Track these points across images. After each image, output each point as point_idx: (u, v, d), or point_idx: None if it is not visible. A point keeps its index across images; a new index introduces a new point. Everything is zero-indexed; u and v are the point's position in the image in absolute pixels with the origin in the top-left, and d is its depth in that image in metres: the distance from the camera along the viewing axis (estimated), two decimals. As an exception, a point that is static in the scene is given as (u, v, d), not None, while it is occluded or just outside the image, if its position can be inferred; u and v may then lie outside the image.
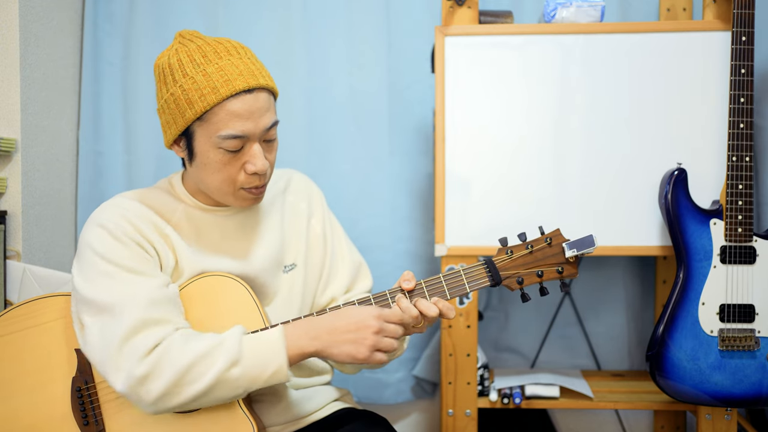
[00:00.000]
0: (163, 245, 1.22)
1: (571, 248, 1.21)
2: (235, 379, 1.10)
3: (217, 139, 1.17)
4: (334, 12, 2.00)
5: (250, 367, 1.10)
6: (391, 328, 1.14)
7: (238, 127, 1.17)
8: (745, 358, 1.54)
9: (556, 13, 1.67)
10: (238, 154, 1.20)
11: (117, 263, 1.16)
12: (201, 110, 1.16)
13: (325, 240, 1.42)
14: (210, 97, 1.16)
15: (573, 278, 1.23)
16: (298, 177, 1.46)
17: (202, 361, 1.09)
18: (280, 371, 1.11)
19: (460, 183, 1.68)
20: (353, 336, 1.12)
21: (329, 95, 2.01)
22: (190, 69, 1.17)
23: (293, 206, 1.41)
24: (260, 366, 1.10)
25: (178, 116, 1.19)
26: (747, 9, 1.54)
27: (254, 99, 1.18)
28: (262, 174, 1.22)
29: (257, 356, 1.10)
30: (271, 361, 1.10)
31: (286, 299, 1.34)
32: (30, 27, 1.75)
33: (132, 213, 1.22)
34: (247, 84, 1.17)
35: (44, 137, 1.82)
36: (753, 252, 1.55)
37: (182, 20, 2.00)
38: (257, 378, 1.11)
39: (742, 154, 1.54)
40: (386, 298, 1.20)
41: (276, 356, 1.11)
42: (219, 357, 1.09)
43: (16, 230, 1.71)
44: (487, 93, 1.68)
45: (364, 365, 1.24)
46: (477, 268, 1.21)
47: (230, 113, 1.16)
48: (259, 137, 1.21)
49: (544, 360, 2.05)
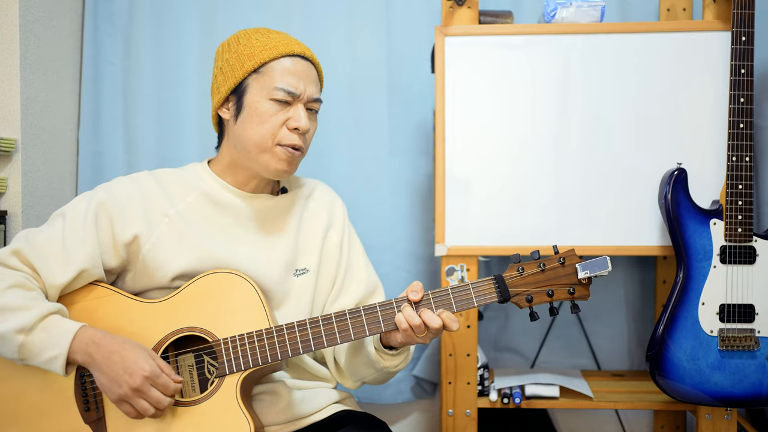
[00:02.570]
0: (158, 221, 1.28)
1: (584, 269, 1.20)
2: (16, 344, 1.13)
3: (272, 90, 1.28)
4: (333, 12, 2.00)
5: (32, 342, 1.13)
6: (154, 395, 1.13)
7: (292, 83, 1.29)
8: (744, 358, 1.54)
9: (556, 13, 1.67)
10: (285, 109, 1.29)
11: (64, 216, 1.25)
12: (261, 61, 1.28)
13: (341, 252, 1.42)
14: (271, 51, 1.29)
15: (585, 300, 1.22)
16: (324, 187, 1.49)
17: (3, 311, 1.14)
18: (55, 361, 1.14)
19: (460, 183, 1.68)
20: (117, 373, 1.14)
21: (329, 95, 2.01)
22: (250, 37, 1.32)
23: (314, 213, 1.42)
24: (41, 347, 1.13)
25: (236, 71, 1.30)
26: (747, 9, 1.54)
27: (307, 66, 1.32)
28: (303, 131, 1.29)
29: (44, 338, 1.14)
30: (51, 348, 1.13)
31: (296, 303, 1.35)
32: (30, 27, 1.75)
33: (139, 188, 1.29)
34: (302, 50, 1.32)
35: (44, 137, 1.82)
36: (753, 252, 1.55)
37: (182, 20, 2.00)
38: (34, 356, 1.14)
39: (742, 154, 1.54)
40: (392, 306, 1.19)
41: (58, 347, 1.13)
42: (16, 318, 1.13)
43: (16, 230, 1.71)
44: (486, 93, 1.68)
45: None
46: (486, 283, 1.20)
47: (286, 69, 1.29)
48: (305, 102, 1.31)
49: (544, 360, 2.05)
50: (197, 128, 1.99)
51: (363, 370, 1.33)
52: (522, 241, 1.67)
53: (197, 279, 1.25)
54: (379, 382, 1.37)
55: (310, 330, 1.20)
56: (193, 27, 2.00)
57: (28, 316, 1.13)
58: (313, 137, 1.36)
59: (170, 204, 1.29)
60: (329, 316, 1.20)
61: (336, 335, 1.19)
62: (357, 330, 1.19)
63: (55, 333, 1.14)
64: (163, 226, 1.28)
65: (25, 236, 1.23)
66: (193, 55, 2.00)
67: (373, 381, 1.37)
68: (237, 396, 1.18)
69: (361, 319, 1.19)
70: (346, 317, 1.20)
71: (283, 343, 1.19)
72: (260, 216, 1.35)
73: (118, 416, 1.19)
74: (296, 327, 1.20)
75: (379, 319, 1.19)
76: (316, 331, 1.20)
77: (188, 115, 2.00)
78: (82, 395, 1.20)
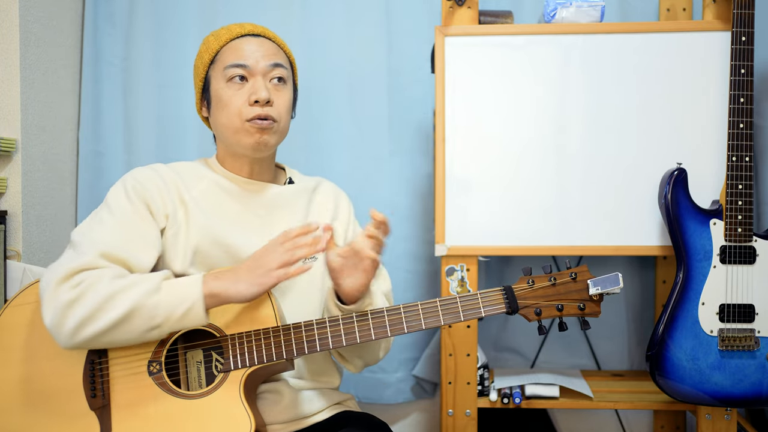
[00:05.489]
0: (178, 208, 1.30)
1: (596, 286, 1.19)
2: (152, 307, 1.13)
3: (224, 71, 1.30)
4: (333, 12, 2.00)
5: (166, 297, 1.14)
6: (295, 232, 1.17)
7: (241, 57, 1.30)
8: (744, 358, 1.54)
9: (556, 13, 1.67)
10: (243, 86, 1.30)
11: (112, 211, 1.25)
12: (214, 50, 1.33)
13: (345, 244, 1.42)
14: (221, 39, 1.33)
15: (595, 317, 1.21)
16: (329, 183, 1.50)
17: (123, 291, 1.14)
18: (194, 308, 1.15)
19: (460, 183, 1.68)
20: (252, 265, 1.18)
21: (329, 95, 2.01)
22: (209, 35, 1.37)
23: (320, 205, 1.44)
24: (176, 300, 1.15)
25: (199, 69, 1.36)
26: (747, 9, 1.54)
27: (260, 42, 1.33)
28: (263, 102, 1.29)
29: (174, 291, 1.15)
30: (186, 297, 1.15)
31: (305, 291, 1.35)
32: (30, 27, 1.75)
33: (159, 175, 1.31)
34: (251, 29, 1.34)
35: (44, 137, 1.82)
36: (753, 252, 1.55)
37: (182, 20, 2.00)
38: (173, 312, 1.14)
39: (741, 154, 1.54)
40: (399, 312, 1.20)
41: (191, 294, 1.15)
42: (140, 285, 1.15)
43: (16, 230, 1.71)
44: (486, 93, 1.68)
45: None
46: (495, 293, 1.20)
47: (235, 48, 1.32)
48: (263, 73, 1.31)
49: (544, 360, 2.05)
50: (197, 128, 1.99)
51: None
52: (522, 241, 1.68)
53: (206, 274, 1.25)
54: (370, 355, 1.38)
55: (317, 331, 1.21)
56: (193, 27, 2.01)
57: (149, 281, 1.15)
58: (289, 106, 1.36)
59: (186, 189, 1.32)
60: (336, 318, 1.21)
61: (342, 337, 1.20)
62: (363, 333, 1.20)
63: (180, 287, 1.16)
64: (181, 211, 1.30)
65: (90, 240, 1.21)
66: (193, 55, 1.99)
67: (364, 354, 1.37)
68: (240, 392, 1.19)
69: (368, 322, 1.20)
70: (353, 319, 1.21)
71: (289, 342, 1.20)
72: (269, 204, 1.37)
73: (123, 404, 1.21)
74: (303, 327, 1.21)
75: (386, 324, 1.20)
76: (322, 332, 1.21)
77: (188, 115, 2.00)
78: (90, 382, 1.22)
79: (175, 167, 1.36)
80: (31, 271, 1.64)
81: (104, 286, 1.14)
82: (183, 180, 1.33)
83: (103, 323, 1.13)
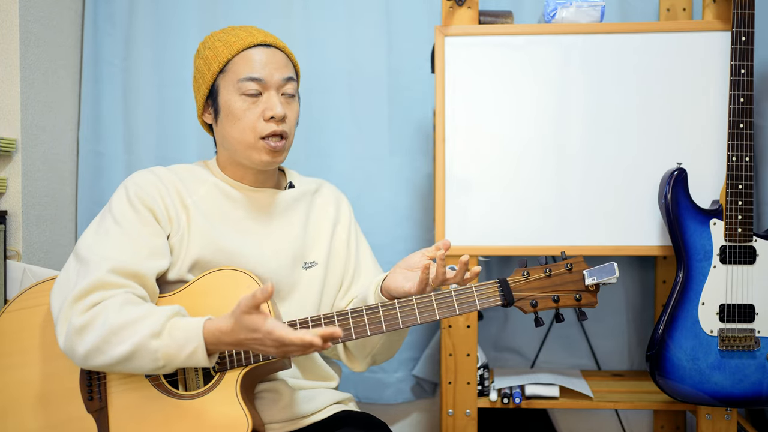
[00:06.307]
0: (180, 212, 1.29)
1: (592, 276, 1.19)
2: (153, 351, 1.12)
3: (238, 84, 1.29)
4: (333, 13, 2.00)
5: (168, 342, 1.13)
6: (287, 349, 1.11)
7: (255, 70, 1.29)
8: (744, 358, 1.54)
9: (556, 13, 1.67)
10: (257, 101, 1.29)
11: (118, 221, 1.23)
12: (225, 59, 1.30)
13: (348, 248, 1.44)
14: (232, 47, 1.30)
15: (592, 308, 1.20)
16: (330, 185, 1.51)
17: (129, 326, 1.13)
18: (196, 353, 1.12)
19: (460, 183, 1.68)
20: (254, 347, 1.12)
21: (329, 95, 2.01)
22: (214, 38, 1.34)
23: (321, 208, 1.44)
24: (178, 345, 1.13)
25: (205, 76, 1.33)
26: (747, 9, 1.54)
27: (271, 52, 1.31)
28: (279, 118, 1.28)
29: (177, 336, 1.13)
30: (188, 343, 1.13)
31: (304, 296, 1.36)
32: (30, 27, 1.75)
33: (160, 179, 1.30)
34: (263, 39, 1.32)
35: (44, 137, 1.82)
36: (753, 252, 1.55)
37: (182, 20, 2.00)
38: (175, 356, 1.13)
39: (741, 154, 1.54)
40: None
41: (193, 339, 1.13)
42: (143, 326, 1.13)
43: (16, 230, 1.71)
44: (486, 93, 1.68)
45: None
46: (489, 286, 1.20)
47: (248, 60, 1.29)
48: (276, 86, 1.30)
49: (544, 360, 2.05)
50: (197, 128, 1.99)
51: (372, 339, 1.33)
52: (522, 241, 1.68)
53: (204, 275, 1.26)
54: (387, 349, 1.37)
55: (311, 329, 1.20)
56: (193, 27, 2.01)
57: (154, 322, 1.13)
58: (297, 119, 1.36)
59: (188, 193, 1.32)
60: (331, 315, 1.21)
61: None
62: (358, 330, 1.20)
63: (185, 329, 1.14)
64: (183, 216, 1.29)
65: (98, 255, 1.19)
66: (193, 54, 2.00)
67: (381, 351, 1.37)
68: (237, 392, 1.19)
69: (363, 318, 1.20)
70: (348, 317, 1.20)
71: None
72: (268, 209, 1.36)
73: (120, 406, 1.21)
74: (298, 326, 1.21)
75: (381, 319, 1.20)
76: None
77: (188, 114, 2.00)
78: (86, 384, 1.22)
79: (175, 170, 1.35)
80: (31, 271, 1.64)
81: (113, 315, 1.14)
82: (184, 183, 1.32)
83: (109, 357, 1.13)
